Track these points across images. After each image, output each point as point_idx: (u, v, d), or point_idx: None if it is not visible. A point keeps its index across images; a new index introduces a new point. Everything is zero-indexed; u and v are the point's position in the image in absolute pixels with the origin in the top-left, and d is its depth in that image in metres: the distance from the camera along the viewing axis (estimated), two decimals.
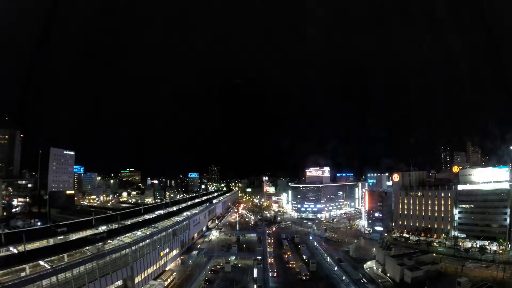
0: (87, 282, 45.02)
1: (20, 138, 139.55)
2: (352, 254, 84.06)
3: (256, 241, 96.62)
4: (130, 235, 62.52)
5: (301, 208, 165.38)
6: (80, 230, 62.84)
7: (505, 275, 62.16)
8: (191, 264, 76.06)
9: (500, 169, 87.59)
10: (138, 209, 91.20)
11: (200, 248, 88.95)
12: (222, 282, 65.55)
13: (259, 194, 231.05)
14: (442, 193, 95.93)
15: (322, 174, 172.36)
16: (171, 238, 74.02)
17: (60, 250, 47.80)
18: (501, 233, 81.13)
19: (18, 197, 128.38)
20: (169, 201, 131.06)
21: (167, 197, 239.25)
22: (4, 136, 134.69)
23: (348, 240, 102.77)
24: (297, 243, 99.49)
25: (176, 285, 64.90)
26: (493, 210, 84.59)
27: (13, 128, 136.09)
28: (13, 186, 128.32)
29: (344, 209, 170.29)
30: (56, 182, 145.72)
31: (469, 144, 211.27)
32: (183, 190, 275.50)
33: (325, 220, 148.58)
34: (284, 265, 78.35)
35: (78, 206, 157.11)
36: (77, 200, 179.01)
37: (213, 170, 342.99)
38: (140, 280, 57.92)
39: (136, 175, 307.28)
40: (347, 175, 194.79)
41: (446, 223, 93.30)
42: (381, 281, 66.34)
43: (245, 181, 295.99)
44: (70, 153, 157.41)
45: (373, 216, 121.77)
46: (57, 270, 41.10)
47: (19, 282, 36.61)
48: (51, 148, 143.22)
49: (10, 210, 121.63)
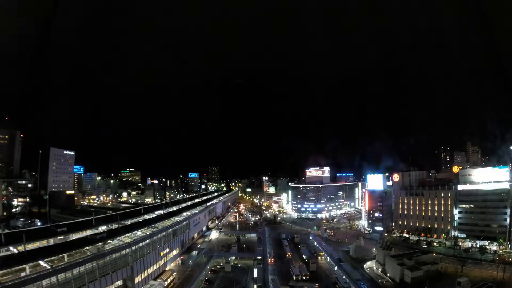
0: (87, 282, 45.03)
1: (20, 138, 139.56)
2: (352, 254, 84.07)
3: (256, 241, 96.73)
4: (130, 235, 62.47)
5: (301, 208, 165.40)
6: (80, 230, 62.79)
7: (505, 275, 62.19)
8: (191, 264, 76.07)
9: (500, 169, 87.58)
10: (138, 209, 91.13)
11: (200, 248, 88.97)
12: (222, 282, 65.59)
13: (259, 194, 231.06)
14: (442, 193, 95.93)
15: (322, 174, 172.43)
16: (171, 238, 74.03)
17: (60, 250, 47.77)
18: (501, 233, 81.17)
19: (18, 197, 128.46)
20: (169, 201, 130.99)
21: (167, 197, 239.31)
22: (4, 136, 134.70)
23: (348, 240, 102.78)
24: (297, 243, 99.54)
25: (176, 285, 64.91)
26: (493, 210, 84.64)
27: (13, 128, 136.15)
28: (13, 186, 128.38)
29: (344, 209, 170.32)
30: (56, 182, 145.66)
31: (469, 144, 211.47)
32: (183, 190, 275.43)
33: (325, 220, 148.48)
34: (284, 265, 78.36)
35: (78, 206, 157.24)
36: (77, 200, 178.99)
37: (213, 170, 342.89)
38: (140, 280, 57.94)
39: (136, 175, 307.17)
40: (347, 175, 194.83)
41: (446, 223, 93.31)
42: (381, 281, 66.41)
43: (245, 181, 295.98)
44: (70, 153, 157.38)
45: (373, 216, 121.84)
46: (57, 270, 41.10)
47: (19, 282, 36.62)
48: (51, 148, 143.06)
49: (10, 210, 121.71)
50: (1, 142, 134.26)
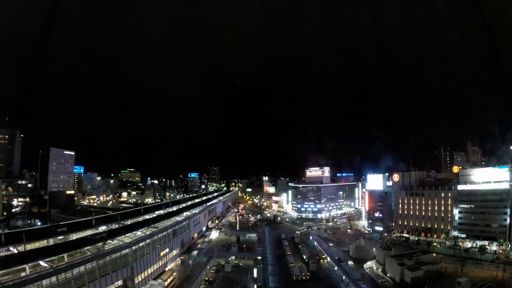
0: (87, 282, 45.00)
1: (20, 138, 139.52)
2: (352, 254, 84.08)
3: (256, 241, 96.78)
4: (130, 235, 62.47)
5: (301, 208, 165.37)
6: (80, 230, 62.75)
7: (505, 275, 62.21)
8: (191, 264, 76.02)
9: (500, 169, 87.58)
10: (138, 209, 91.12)
11: (200, 248, 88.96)
12: (222, 282, 65.67)
13: (259, 194, 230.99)
14: (442, 193, 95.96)
15: (322, 174, 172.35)
16: (171, 238, 74.01)
17: (60, 250, 47.77)
18: (501, 233, 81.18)
19: (18, 197, 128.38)
20: (169, 201, 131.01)
21: (167, 197, 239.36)
22: (4, 136, 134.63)
23: (348, 240, 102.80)
24: (297, 243, 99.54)
25: (176, 285, 64.91)
26: (493, 210, 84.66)
27: (13, 128, 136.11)
28: (13, 186, 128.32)
29: (344, 209, 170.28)
30: (56, 182, 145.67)
31: (469, 144, 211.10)
32: (183, 190, 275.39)
33: (325, 220, 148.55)
34: (284, 265, 78.39)
35: (78, 206, 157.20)
36: (77, 200, 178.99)
37: (213, 170, 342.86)
38: (140, 280, 57.91)
39: (136, 175, 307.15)
40: (347, 175, 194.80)
41: (446, 223, 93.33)
42: (381, 281, 66.42)
43: (245, 181, 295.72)
44: (70, 153, 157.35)
45: (373, 216, 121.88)
46: (57, 270, 41.08)
47: (19, 282, 36.59)
48: (51, 148, 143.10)
49: (10, 210, 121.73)
50: (1, 142, 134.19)
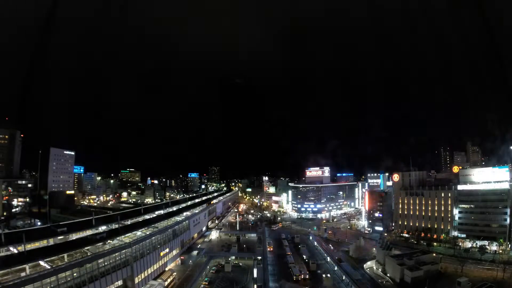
0: (87, 282, 45.02)
1: (20, 138, 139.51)
2: (352, 254, 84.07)
3: (256, 241, 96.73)
4: (130, 235, 62.55)
5: (301, 208, 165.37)
6: (80, 230, 62.87)
7: (505, 275, 62.20)
8: (191, 264, 76.02)
9: (500, 169, 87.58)
10: (138, 209, 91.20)
11: (200, 248, 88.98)
12: (222, 282, 65.61)
13: (259, 194, 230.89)
14: (442, 193, 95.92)
15: (322, 174, 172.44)
16: (171, 238, 74.02)
17: (60, 250, 47.83)
18: (501, 233, 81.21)
19: (18, 197, 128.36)
20: (169, 201, 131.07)
21: (167, 197, 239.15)
22: (4, 136, 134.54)
23: (348, 240, 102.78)
24: (297, 243, 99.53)
25: (176, 285, 64.87)
26: (493, 210, 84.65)
27: (13, 128, 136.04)
28: (13, 186, 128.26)
29: (344, 209, 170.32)
30: (56, 182, 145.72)
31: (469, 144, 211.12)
32: (183, 190, 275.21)
33: (325, 220, 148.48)
34: (284, 265, 78.39)
35: (78, 206, 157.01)
36: (77, 200, 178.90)
37: (213, 170, 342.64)
38: (140, 280, 57.92)
39: (136, 175, 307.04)
40: (347, 175, 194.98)
41: (446, 223, 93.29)
42: (381, 281, 66.40)
43: (245, 181, 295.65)
44: (70, 153, 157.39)
45: (373, 216, 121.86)
46: (57, 270, 41.10)
47: (19, 282, 36.59)
48: (51, 148, 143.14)
49: (10, 210, 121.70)
50: (1, 142, 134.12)
